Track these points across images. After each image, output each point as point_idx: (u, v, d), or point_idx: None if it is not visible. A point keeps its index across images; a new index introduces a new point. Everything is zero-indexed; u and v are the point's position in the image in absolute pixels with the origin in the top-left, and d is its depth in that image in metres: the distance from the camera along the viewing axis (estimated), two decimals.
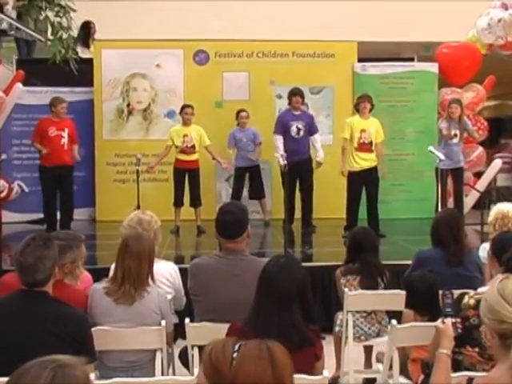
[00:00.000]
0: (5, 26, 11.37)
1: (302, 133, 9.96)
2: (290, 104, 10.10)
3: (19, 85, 11.05)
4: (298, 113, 10.03)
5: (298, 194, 10.11)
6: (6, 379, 1.95)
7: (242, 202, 8.99)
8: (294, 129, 9.94)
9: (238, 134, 10.60)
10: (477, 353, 3.46)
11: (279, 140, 9.95)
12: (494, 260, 4.29)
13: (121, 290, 4.18)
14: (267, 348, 2.16)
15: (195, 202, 10.19)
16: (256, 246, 9.15)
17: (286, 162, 8.38)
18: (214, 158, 10.40)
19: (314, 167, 10.05)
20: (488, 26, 11.46)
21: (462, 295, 3.79)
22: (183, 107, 10.27)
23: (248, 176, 10.70)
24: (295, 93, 10.02)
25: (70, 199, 10.24)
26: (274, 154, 9.36)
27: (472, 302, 3.63)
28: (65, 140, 10.05)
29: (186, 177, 10.16)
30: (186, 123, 10.15)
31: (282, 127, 9.99)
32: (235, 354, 2.15)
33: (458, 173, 10.29)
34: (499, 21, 11.30)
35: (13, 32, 11.64)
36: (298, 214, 10.11)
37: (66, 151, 10.09)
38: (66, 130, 10.08)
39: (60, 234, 4.42)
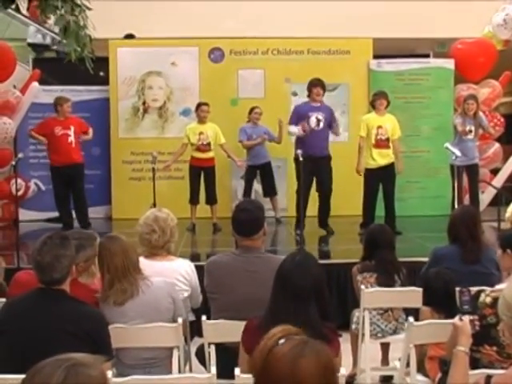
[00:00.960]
0: (48, 40, 11.46)
1: (322, 124, 9.24)
2: (309, 96, 9.47)
3: (35, 84, 11.13)
4: (317, 104, 9.34)
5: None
6: (22, 377, 1.96)
7: (258, 200, 8.94)
8: (313, 119, 9.21)
9: (248, 131, 10.55)
10: (495, 351, 3.43)
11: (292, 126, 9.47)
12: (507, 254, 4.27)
13: (113, 291, 4.18)
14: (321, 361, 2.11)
15: (211, 199, 10.21)
16: (268, 243, 9.14)
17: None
18: (228, 156, 10.41)
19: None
20: (504, 22, 11.41)
21: (479, 293, 3.77)
22: (199, 105, 10.28)
23: (260, 173, 10.68)
24: (315, 83, 9.36)
25: (81, 198, 10.20)
26: (289, 129, 9.40)
27: (489, 300, 3.60)
28: (71, 138, 10.05)
29: (202, 174, 10.18)
30: (201, 121, 10.16)
31: (298, 119, 9.36)
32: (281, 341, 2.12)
33: (472, 169, 10.22)
34: None
35: (55, 47, 11.73)
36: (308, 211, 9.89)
37: (74, 149, 10.09)
38: (72, 128, 10.08)
39: (74, 234, 4.43)
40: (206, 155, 10.12)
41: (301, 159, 8.20)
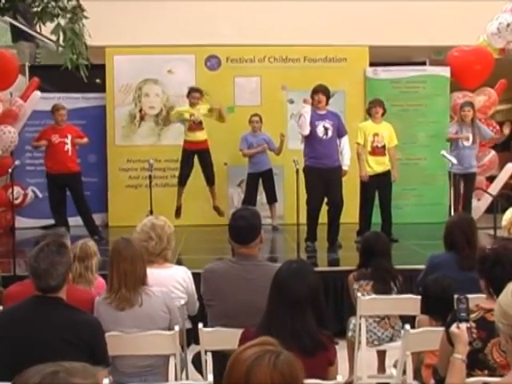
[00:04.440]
0: None
1: (330, 133, 8.78)
2: (312, 103, 8.89)
3: (37, 92, 11.12)
4: (323, 112, 8.88)
5: None
6: None
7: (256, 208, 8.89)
8: (320, 128, 8.74)
9: (249, 139, 10.61)
10: (487, 375, 3.39)
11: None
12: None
13: (118, 296, 4.17)
14: (280, 368, 2.12)
15: (210, 180, 10.41)
16: (268, 251, 9.13)
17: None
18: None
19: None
20: (497, 31, 11.44)
21: None
22: (190, 91, 10.39)
23: (262, 181, 10.71)
24: (316, 90, 8.87)
25: (83, 206, 10.14)
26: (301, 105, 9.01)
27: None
28: (68, 146, 10.00)
29: (196, 158, 10.35)
30: (192, 104, 10.33)
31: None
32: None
33: (468, 178, 10.13)
34: (508, 25, 11.28)
35: None
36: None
37: (70, 157, 10.03)
38: (69, 136, 10.02)
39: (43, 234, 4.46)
40: (199, 137, 10.27)
41: (296, 167, 8.15)
